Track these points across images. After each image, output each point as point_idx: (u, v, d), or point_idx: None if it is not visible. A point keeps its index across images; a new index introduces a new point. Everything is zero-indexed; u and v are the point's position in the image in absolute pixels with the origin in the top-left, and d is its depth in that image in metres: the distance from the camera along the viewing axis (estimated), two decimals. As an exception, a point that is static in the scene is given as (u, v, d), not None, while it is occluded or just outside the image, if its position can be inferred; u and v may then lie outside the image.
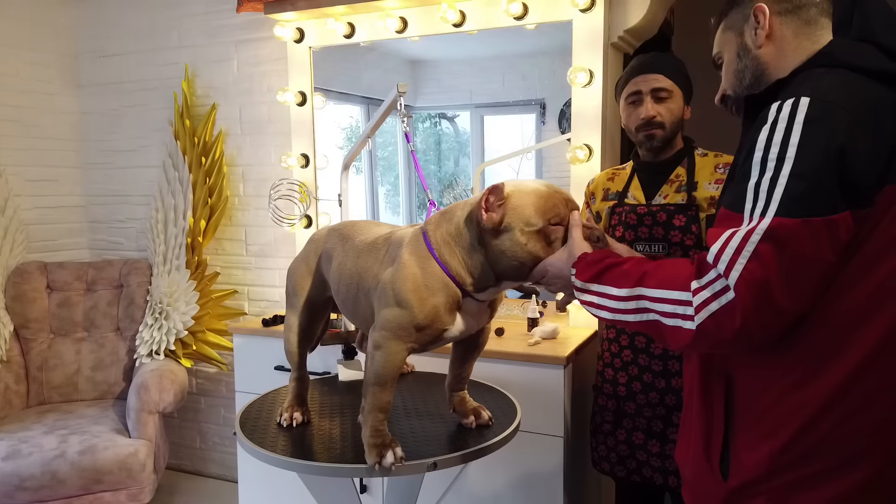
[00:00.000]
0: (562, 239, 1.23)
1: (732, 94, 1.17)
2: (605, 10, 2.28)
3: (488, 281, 1.30)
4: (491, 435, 1.52)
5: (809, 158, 0.87)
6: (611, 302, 1.05)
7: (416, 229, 1.38)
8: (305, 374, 1.68)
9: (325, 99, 2.84)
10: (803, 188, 0.87)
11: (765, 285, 0.87)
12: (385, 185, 3.15)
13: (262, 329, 2.53)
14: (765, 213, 0.89)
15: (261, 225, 3.07)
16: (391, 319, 1.31)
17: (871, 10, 1.02)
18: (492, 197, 1.22)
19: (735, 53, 1.14)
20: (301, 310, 1.64)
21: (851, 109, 0.89)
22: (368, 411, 1.37)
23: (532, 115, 2.85)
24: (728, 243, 0.90)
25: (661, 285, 0.97)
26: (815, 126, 0.88)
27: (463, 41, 2.61)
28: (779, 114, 0.92)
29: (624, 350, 1.90)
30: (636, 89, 1.81)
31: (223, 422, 3.26)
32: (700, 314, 0.91)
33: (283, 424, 1.59)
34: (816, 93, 0.91)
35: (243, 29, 2.99)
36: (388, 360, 1.33)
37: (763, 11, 1.10)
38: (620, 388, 1.89)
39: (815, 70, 0.98)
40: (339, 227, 1.63)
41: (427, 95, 2.92)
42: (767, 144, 0.91)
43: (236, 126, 3.07)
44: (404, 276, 1.30)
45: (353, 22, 2.66)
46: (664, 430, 1.83)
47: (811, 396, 0.95)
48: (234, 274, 3.16)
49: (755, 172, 0.92)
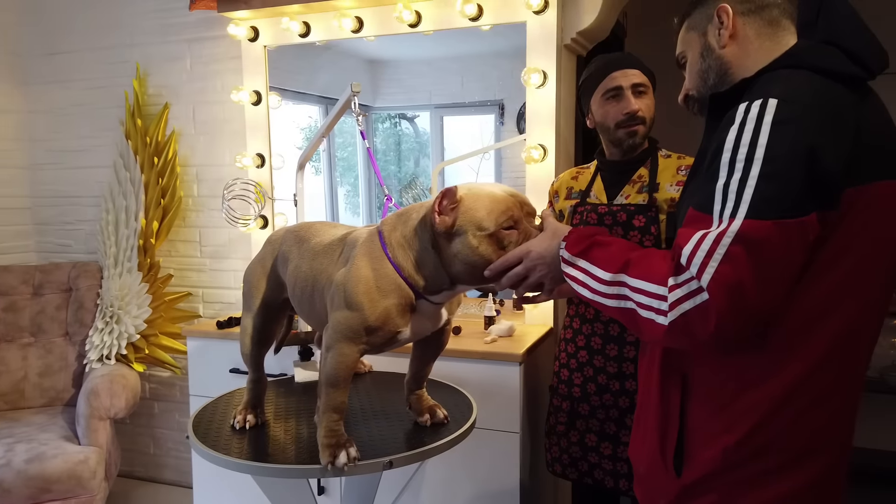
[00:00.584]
0: (516, 243, 1.21)
1: (696, 94, 1.16)
2: (559, 12, 2.31)
3: (442, 284, 1.29)
4: (446, 433, 1.53)
5: (779, 159, 0.87)
6: (593, 282, 1.04)
7: (371, 230, 1.37)
8: (262, 376, 1.66)
9: (280, 98, 2.82)
10: (773, 190, 0.87)
11: (738, 287, 0.87)
12: (345, 185, 3.14)
13: (217, 331, 2.49)
14: (734, 214, 0.88)
15: (215, 226, 3.02)
16: (342, 321, 1.31)
17: (836, 13, 1.02)
18: (445, 200, 1.21)
19: (699, 53, 1.14)
20: (256, 312, 1.62)
21: (818, 110, 0.90)
22: (323, 412, 1.37)
23: (491, 115, 2.87)
24: (700, 245, 0.89)
25: (642, 276, 0.97)
26: (784, 127, 0.88)
27: (422, 42, 2.62)
28: (747, 114, 0.92)
29: (580, 351, 1.89)
30: (615, 84, 1.76)
31: (177, 427, 3.20)
32: (673, 311, 0.91)
33: (236, 427, 1.58)
34: (784, 94, 0.91)
35: (196, 27, 2.94)
36: (339, 362, 1.32)
37: (727, 11, 1.10)
38: (575, 389, 1.88)
39: (781, 71, 0.98)
40: (296, 228, 1.62)
41: (387, 96, 2.91)
42: (736, 145, 0.91)
43: (190, 126, 3.02)
44: (356, 278, 1.30)
45: (308, 21, 2.64)
46: (617, 433, 1.82)
47: (766, 394, 0.96)
48: (188, 276, 3.10)
49: (723, 174, 0.91)
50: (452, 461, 2.15)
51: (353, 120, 3.18)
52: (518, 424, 2.08)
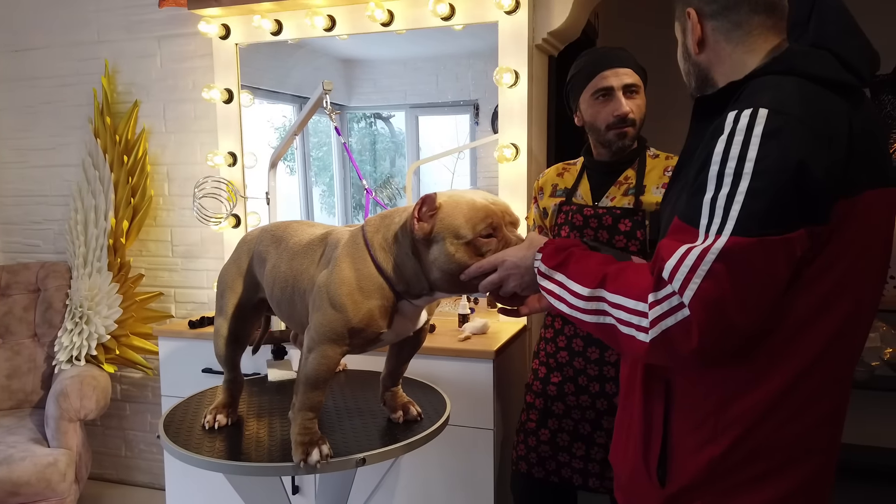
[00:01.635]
0: (494, 251, 1.20)
1: (692, 92, 1.13)
2: (530, 12, 2.33)
3: (422, 290, 1.29)
4: (420, 429, 1.54)
5: (767, 174, 0.85)
6: (570, 297, 1.01)
7: (354, 231, 1.37)
8: (238, 376, 1.65)
9: (252, 97, 2.80)
10: (760, 206, 0.85)
11: (720, 304, 0.85)
12: (320, 185, 3.13)
13: (189, 331, 2.47)
14: (721, 230, 0.86)
15: (187, 225, 2.99)
16: (325, 323, 1.30)
17: (829, 15, 0.97)
18: (424, 207, 1.21)
19: (681, 53, 1.12)
20: (231, 314, 1.61)
21: (809, 122, 0.86)
22: (298, 409, 1.37)
23: (466, 115, 2.88)
24: (683, 261, 0.87)
25: (620, 291, 0.94)
26: (774, 140, 0.85)
27: (396, 41, 2.63)
28: (736, 125, 0.88)
29: (560, 351, 1.85)
30: (606, 84, 1.69)
31: (149, 428, 3.17)
32: (654, 329, 0.88)
33: (206, 427, 1.57)
34: (774, 103, 0.88)
35: (166, 24, 2.91)
36: (321, 364, 1.33)
37: (690, 15, 1.07)
38: (550, 388, 1.84)
39: (771, 77, 0.93)
40: (272, 227, 1.61)
41: (362, 95, 2.91)
42: (724, 157, 0.88)
43: (160, 124, 2.99)
44: (339, 279, 1.30)
45: (280, 19, 2.63)
46: (592, 434, 1.79)
47: (752, 403, 0.94)
48: (159, 276, 3.07)
49: (711, 187, 0.89)
50: (427, 458, 2.17)
51: (328, 119, 3.19)
52: (492, 421, 2.09)
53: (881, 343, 3.36)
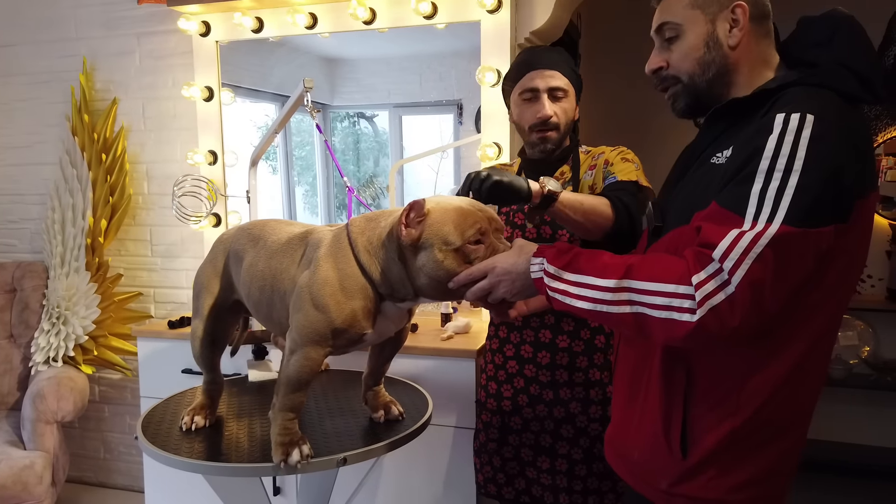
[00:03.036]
0: (482, 258, 1.19)
1: (686, 81, 1.15)
2: (512, 11, 2.33)
3: (407, 295, 1.28)
4: (401, 429, 1.53)
5: (814, 173, 0.94)
6: (592, 292, 1.03)
7: (337, 231, 1.35)
8: (217, 378, 1.63)
9: (233, 95, 2.78)
10: (808, 200, 0.94)
11: (761, 286, 0.93)
12: (303, 185, 3.11)
13: (169, 331, 2.44)
14: (772, 219, 0.94)
15: (167, 224, 2.96)
16: (307, 324, 1.29)
17: (851, 36, 1.07)
18: (412, 213, 1.19)
19: (703, 40, 1.12)
20: (207, 314, 1.58)
21: (844, 132, 0.97)
22: (279, 410, 1.36)
23: (450, 115, 2.88)
24: (737, 243, 0.94)
25: (654, 278, 0.99)
26: (820, 143, 0.95)
27: (379, 41, 2.61)
28: (786, 126, 0.97)
29: (508, 361, 1.79)
30: (532, 86, 1.67)
31: (128, 430, 3.13)
32: (702, 308, 0.94)
33: (183, 428, 1.55)
34: (818, 111, 0.97)
35: (146, 21, 2.87)
36: (303, 365, 1.31)
37: (745, 10, 1.10)
38: (505, 403, 1.79)
39: (806, 88, 1.03)
40: (249, 226, 1.59)
41: (345, 94, 2.90)
42: (775, 154, 0.96)
43: (139, 121, 2.95)
44: (322, 280, 1.28)
45: (260, 16, 2.61)
46: (553, 445, 1.74)
47: (765, 380, 1.04)
48: (138, 276, 3.04)
49: (760, 178, 0.96)
50: (409, 458, 2.16)
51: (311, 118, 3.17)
52: (474, 420, 2.09)
53: (859, 342, 3.40)
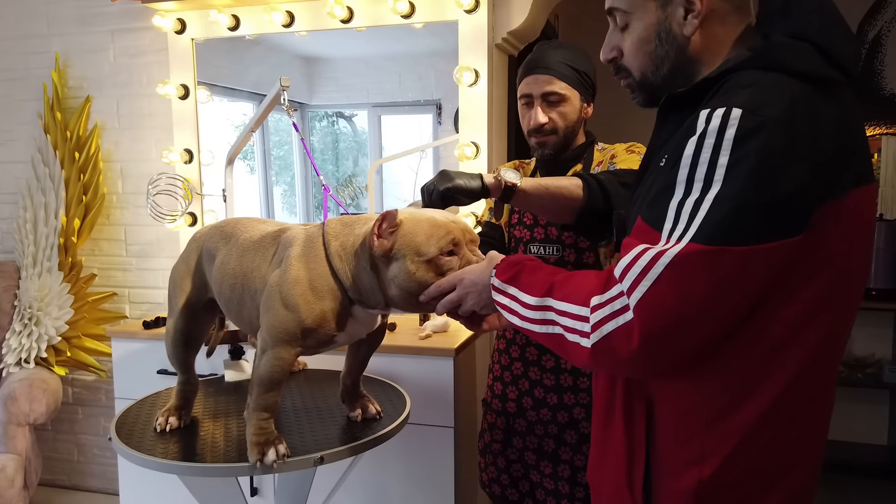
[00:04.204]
0: (455, 270, 1.18)
1: (639, 78, 1.01)
2: (489, 11, 2.34)
3: (377, 303, 1.28)
4: (379, 427, 1.53)
5: (737, 181, 0.79)
6: (521, 308, 0.98)
7: (311, 231, 1.34)
8: (192, 378, 1.61)
9: (209, 93, 2.75)
10: (726, 214, 0.79)
11: (665, 312, 0.80)
12: (281, 184, 3.09)
13: (144, 332, 2.42)
14: (682, 236, 0.81)
15: (142, 224, 2.93)
16: (277, 324, 1.28)
17: (810, 3, 0.90)
18: (384, 223, 1.18)
19: (654, 31, 0.96)
20: (180, 313, 1.56)
21: (787, 124, 0.80)
22: (253, 410, 1.35)
23: (429, 115, 2.88)
24: (637, 261, 0.83)
25: (566, 298, 0.91)
26: (746, 144, 0.79)
27: (358, 40, 2.60)
28: (707, 125, 0.82)
29: (514, 363, 1.79)
30: (527, 91, 1.65)
31: (103, 432, 3.09)
32: (595, 333, 0.85)
33: (157, 430, 1.53)
34: (750, 103, 0.81)
35: (120, 17, 2.84)
36: (274, 365, 1.30)
37: None
38: (510, 404, 1.78)
39: (750, 73, 0.85)
40: (222, 224, 1.57)
41: (323, 94, 2.89)
42: (694, 161, 0.82)
43: (113, 119, 2.92)
44: (292, 279, 1.28)
45: (237, 14, 2.59)
46: (556, 450, 1.72)
47: (741, 421, 0.88)
48: (113, 276, 3.00)
49: (679, 190, 0.83)
50: (387, 457, 2.16)
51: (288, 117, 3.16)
52: (452, 419, 2.10)
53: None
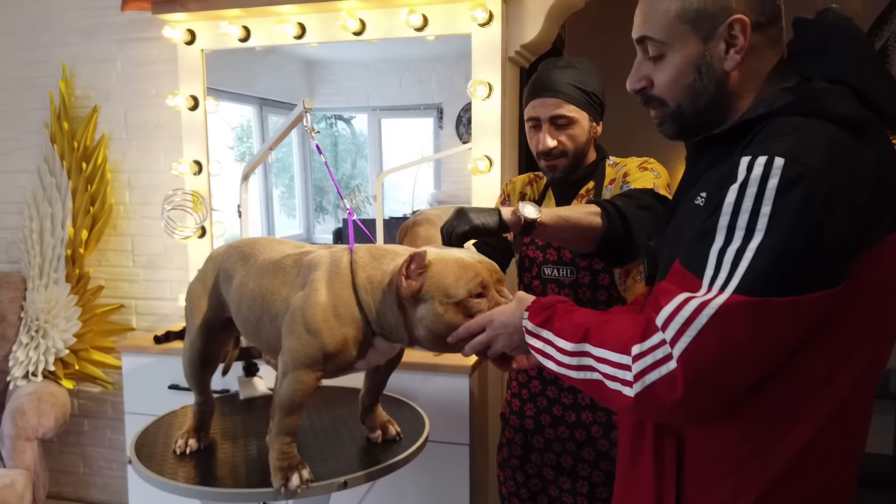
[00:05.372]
0: (483, 312, 1.17)
1: (674, 109, 0.98)
2: (503, 25, 2.33)
3: (402, 341, 1.27)
4: (400, 450, 1.52)
5: (780, 232, 0.79)
6: (557, 353, 0.97)
7: (335, 254, 1.33)
8: (209, 398, 1.60)
9: (217, 103, 2.74)
10: (769, 265, 0.79)
11: (709, 362, 0.81)
12: (279, 186, 3.09)
13: (154, 346, 2.40)
14: (725, 286, 0.81)
15: (149, 234, 2.91)
16: (299, 348, 1.27)
17: (847, 44, 0.89)
18: (413, 264, 1.17)
19: (693, 64, 0.94)
20: (197, 332, 1.55)
21: (830, 174, 0.79)
22: (275, 434, 1.34)
23: (430, 119, 2.88)
24: (680, 310, 0.83)
25: (604, 344, 0.90)
26: (789, 195, 0.78)
27: (359, 43, 2.57)
28: (749, 173, 0.81)
29: (532, 380, 1.77)
30: (534, 115, 1.63)
31: (109, 444, 3.07)
32: (637, 383, 0.85)
33: (177, 452, 1.52)
34: (792, 152, 0.80)
35: (128, 27, 2.82)
36: (296, 389, 1.30)
37: (744, 25, 0.91)
38: (527, 421, 1.78)
39: (790, 119, 0.85)
40: (239, 244, 1.57)
41: (323, 97, 2.89)
42: (736, 209, 0.82)
43: (121, 130, 2.90)
44: (315, 303, 1.27)
45: (248, 25, 2.57)
46: (574, 467, 1.72)
47: (772, 461, 0.88)
48: (120, 287, 2.98)
49: (720, 237, 0.83)
50: (403, 474, 2.13)
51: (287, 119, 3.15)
52: (468, 436, 2.09)
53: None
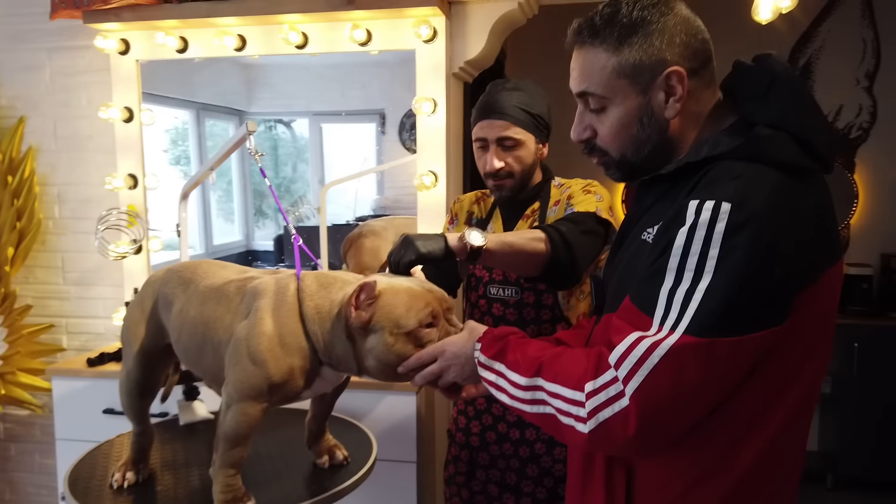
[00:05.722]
0: (435, 341, 1.17)
1: (617, 158, 1.02)
2: (447, 41, 2.34)
3: (351, 371, 1.25)
4: (347, 475, 1.51)
5: (727, 274, 0.82)
6: (510, 387, 0.98)
7: (281, 282, 1.30)
8: (148, 427, 1.54)
9: (153, 114, 2.65)
10: (718, 306, 0.82)
11: (661, 400, 0.84)
12: (217, 191, 3.02)
13: (87, 370, 2.30)
14: (675, 326, 0.84)
15: (81, 251, 2.79)
16: (244, 379, 1.24)
17: (790, 92, 0.93)
18: (362, 294, 1.15)
19: (636, 116, 0.98)
20: (135, 359, 1.50)
21: (774, 217, 0.83)
22: (219, 466, 1.31)
23: (372, 124, 2.87)
24: (633, 349, 0.86)
25: (557, 379, 0.92)
26: (736, 238, 0.82)
27: (297, 48, 2.53)
28: (697, 217, 0.85)
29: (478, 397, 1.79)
30: (481, 135, 1.64)
31: (38, 468, 2.92)
32: (591, 420, 0.87)
33: (114, 486, 1.46)
34: (738, 197, 0.84)
35: (57, 35, 2.70)
36: (240, 421, 1.26)
37: (681, 76, 0.95)
38: (473, 438, 1.79)
39: (735, 164, 0.88)
40: (179, 268, 1.52)
41: (263, 101, 2.85)
42: (685, 251, 0.85)
43: (50, 141, 2.77)
44: (260, 332, 1.24)
45: (185, 37, 2.50)
46: (518, 484, 1.73)
47: (720, 484, 0.92)
48: (49, 305, 2.85)
49: (670, 278, 0.86)
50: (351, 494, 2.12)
51: (225, 123, 3.09)
52: (415, 454, 2.08)
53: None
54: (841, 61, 3.64)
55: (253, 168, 3.10)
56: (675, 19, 0.96)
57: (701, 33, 0.98)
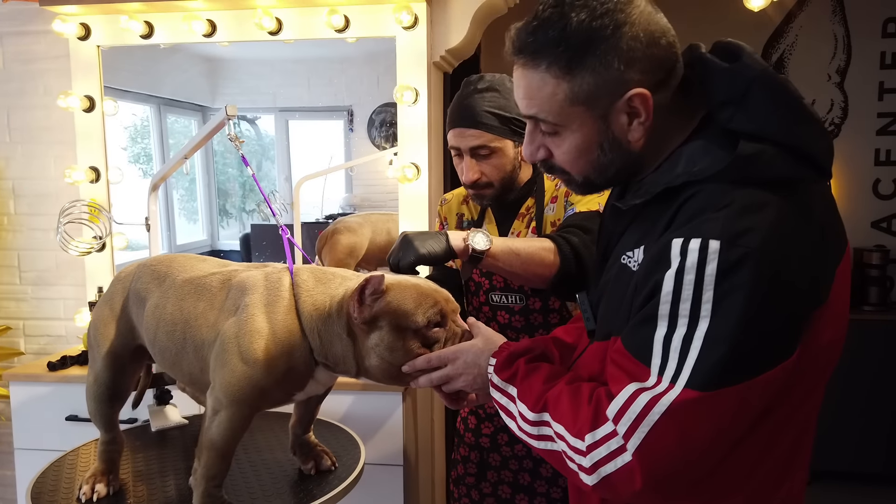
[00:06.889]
0: (442, 342, 1.11)
1: (580, 181, 0.93)
2: (428, 29, 2.26)
3: (348, 371, 1.17)
4: (335, 481, 1.43)
5: (725, 319, 0.75)
6: (519, 418, 0.93)
7: (271, 276, 1.20)
8: (118, 435, 1.43)
9: (117, 104, 2.51)
10: (719, 355, 0.75)
11: (668, 455, 0.78)
12: (179, 189, 2.91)
13: (48, 374, 2.16)
14: (676, 379, 0.77)
15: (39, 248, 2.63)
16: (234, 381, 1.15)
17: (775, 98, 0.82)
18: (368, 289, 1.08)
19: (595, 142, 0.88)
20: (104, 363, 1.39)
21: (771, 252, 0.75)
22: (202, 476, 1.21)
23: (340, 121, 2.81)
24: (632, 403, 0.79)
25: (561, 420, 0.86)
26: (731, 279, 0.74)
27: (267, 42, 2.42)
28: (684, 259, 0.77)
29: None
30: (455, 144, 1.54)
31: (-6, 480, 2.76)
32: (594, 475, 0.82)
33: (83, 500, 1.34)
34: (728, 232, 0.75)
35: (11, 19, 2.54)
36: (228, 428, 1.17)
37: (645, 98, 0.84)
38: (483, 439, 1.72)
39: (721, 189, 0.79)
40: (153, 262, 1.41)
41: (227, 96, 2.78)
42: (676, 297, 0.77)
43: (3, 133, 2.61)
44: (252, 330, 1.15)
45: (151, 21, 2.37)
46: (532, 484, 1.68)
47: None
48: (4, 307, 2.68)
49: (663, 325, 0.79)
50: (332, 500, 2.04)
51: (187, 120, 2.98)
52: (401, 457, 2.01)
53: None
54: (813, 57, 3.67)
55: (217, 166, 3.00)
56: (633, 29, 0.82)
57: (664, 35, 0.85)
